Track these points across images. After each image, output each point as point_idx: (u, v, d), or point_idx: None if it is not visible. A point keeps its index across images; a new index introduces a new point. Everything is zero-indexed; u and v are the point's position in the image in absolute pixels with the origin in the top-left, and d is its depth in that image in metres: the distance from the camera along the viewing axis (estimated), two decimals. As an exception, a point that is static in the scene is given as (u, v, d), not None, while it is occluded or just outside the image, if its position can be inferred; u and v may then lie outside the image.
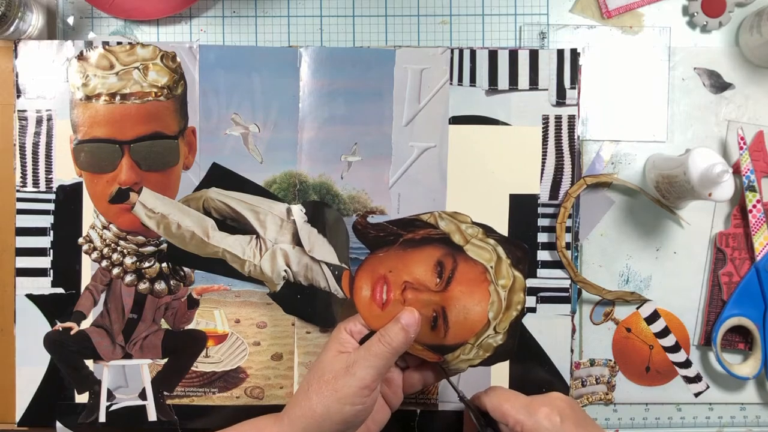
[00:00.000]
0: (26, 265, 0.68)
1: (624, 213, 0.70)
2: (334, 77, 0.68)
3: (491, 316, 0.59)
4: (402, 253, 0.62)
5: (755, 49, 0.67)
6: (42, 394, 0.68)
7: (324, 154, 0.68)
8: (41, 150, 0.68)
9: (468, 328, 0.60)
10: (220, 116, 0.68)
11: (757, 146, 0.69)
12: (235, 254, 0.67)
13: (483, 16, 0.70)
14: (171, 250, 0.67)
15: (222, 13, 0.70)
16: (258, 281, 0.68)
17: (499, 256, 0.61)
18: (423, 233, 0.62)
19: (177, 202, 0.67)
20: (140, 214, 0.67)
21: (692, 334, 0.70)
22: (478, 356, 0.60)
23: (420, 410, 0.68)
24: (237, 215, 0.67)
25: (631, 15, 0.70)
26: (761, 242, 0.68)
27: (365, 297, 0.60)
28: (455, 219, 0.63)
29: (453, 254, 0.61)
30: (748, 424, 0.70)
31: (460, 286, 0.60)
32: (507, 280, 0.60)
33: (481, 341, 0.59)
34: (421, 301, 0.59)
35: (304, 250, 0.67)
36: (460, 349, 0.60)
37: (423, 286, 0.60)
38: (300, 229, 0.67)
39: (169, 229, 0.67)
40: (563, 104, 0.68)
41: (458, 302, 0.59)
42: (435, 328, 0.59)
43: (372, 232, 0.63)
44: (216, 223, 0.67)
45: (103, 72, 0.67)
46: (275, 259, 0.67)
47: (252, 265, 0.67)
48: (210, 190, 0.67)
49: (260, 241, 0.67)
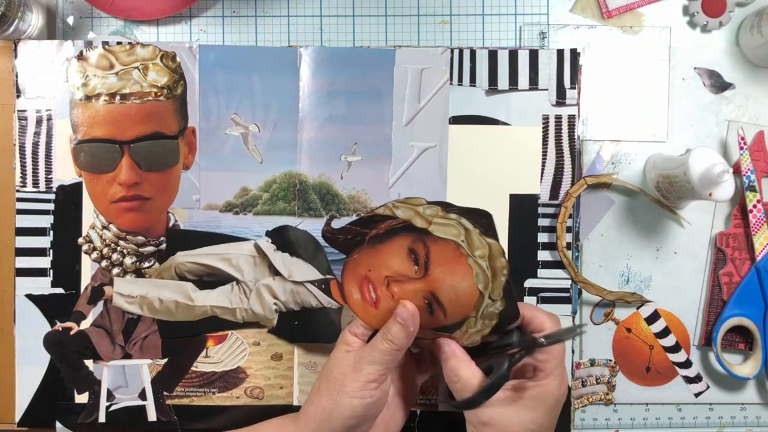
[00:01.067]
0: (26, 265, 0.68)
1: (624, 213, 0.70)
2: (334, 77, 0.68)
3: (481, 287, 0.58)
4: (373, 251, 0.60)
5: (755, 49, 0.67)
6: (42, 394, 0.68)
7: (324, 154, 0.68)
8: (41, 150, 0.68)
9: (463, 304, 0.58)
10: (220, 116, 0.68)
11: (758, 146, 0.69)
12: (223, 307, 0.67)
13: (483, 16, 0.70)
14: (162, 327, 0.68)
15: (222, 13, 0.70)
16: (254, 323, 0.68)
17: (467, 228, 0.59)
18: (385, 226, 0.60)
19: (151, 280, 0.67)
20: (120, 303, 0.67)
21: (692, 334, 0.70)
22: (485, 326, 0.58)
23: (420, 410, 0.68)
24: (210, 269, 0.67)
25: (631, 15, 0.70)
26: (761, 242, 0.68)
27: (357, 300, 0.59)
28: (410, 204, 0.61)
29: (421, 238, 0.59)
30: (748, 424, 0.70)
31: (440, 267, 0.58)
32: (483, 249, 0.58)
33: (482, 312, 0.58)
34: (408, 292, 0.58)
35: (284, 278, 0.67)
36: (465, 324, 0.58)
37: (404, 277, 0.59)
38: (273, 259, 0.67)
39: (153, 306, 0.67)
40: (563, 104, 0.68)
41: (444, 283, 0.58)
42: (433, 313, 0.58)
43: (340, 237, 0.62)
44: (194, 284, 0.68)
45: (103, 72, 0.67)
46: (262, 296, 0.67)
47: (243, 310, 0.67)
48: (176, 255, 0.68)
49: (242, 286, 0.67)
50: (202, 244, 0.68)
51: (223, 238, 0.68)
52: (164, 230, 0.68)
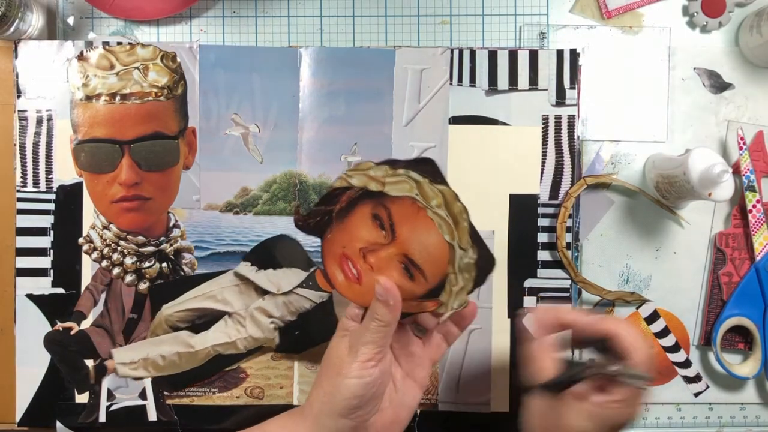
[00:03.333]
0: (26, 265, 0.68)
1: (624, 213, 0.70)
2: (334, 77, 0.68)
3: (447, 238, 0.57)
4: (342, 226, 0.59)
5: (755, 49, 0.67)
6: (42, 394, 0.68)
7: (324, 154, 0.68)
8: (41, 150, 0.68)
9: (437, 259, 0.58)
10: (220, 116, 0.68)
11: (757, 146, 0.69)
12: (223, 343, 0.68)
13: (483, 16, 0.70)
14: (172, 381, 0.68)
15: (222, 13, 0.70)
16: (258, 348, 0.68)
17: (417, 180, 0.58)
18: (345, 198, 0.60)
19: (147, 340, 0.68)
20: (126, 372, 0.68)
21: (692, 334, 0.70)
22: (466, 280, 0.58)
23: (420, 410, 0.68)
24: (200, 311, 0.68)
25: (631, 15, 0.70)
26: (761, 242, 0.68)
27: (342, 282, 0.58)
28: (360, 169, 0.60)
29: (380, 202, 0.59)
30: (748, 424, 0.70)
31: (404, 226, 0.58)
32: (437, 198, 0.58)
33: (459, 265, 0.58)
34: (384, 259, 0.58)
35: (273, 294, 0.67)
36: (447, 284, 0.58)
37: (376, 245, 0.58)
38: (257, 280, 0.68)
39: (157, 364, 0.68)
40: (563, 104, 0.68)
41: (413, 242, 0.58)
42: (412, 277, 0.58)
43: (310, 221, 0.61)
44: (189, 331, 0.68)
45: (104, 72, 0.67)
46: (257, 320, 0.68)
47: (243, 340, 0.68)
48: (162, 310, 0.68)
49: (235, 317, 0.68)
50: (182, 291, 0.68)
51: (200, 279, 0.68)
52: (164, 230, 0.68)
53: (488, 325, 0.68)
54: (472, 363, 0.68)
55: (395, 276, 0.57)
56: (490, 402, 0.68)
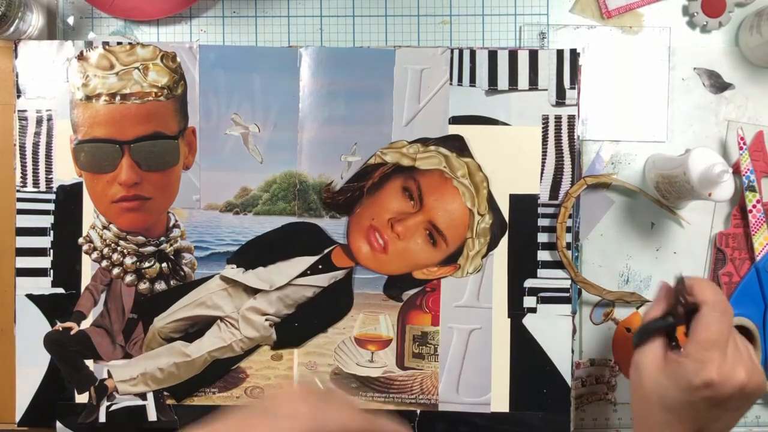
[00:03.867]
0: (26, 265, 0.68)
1: (624, 213, 0.70)
2: (334, 77, 0.68)
3: (469, 204, 0.66)
4: (372, 199, 0.67)
5: (755, 49, 0.67)
6: (42, 394, 0.68)
7: (324, 154, 0.68)
8: (41, 150, 0.68)
9: (459, 225, 0.66)
10: (220, 116, 0.68)
11: (757, 146, 0.69)
12: (219, 348, 0.68)
13: (483, 16, 0.70)
14: (174, 392, 0.68)
15: (222, 13, 0.70)
16: (255, 347, 0.68)
17: (445, 155, 0.66)
18: (378, 174, 0.67)
19: (143, 355, 0.68)
20: (126, 389, 0.68)
21: (692, 334, 0.70)
22: (482, 244, 0.66)
23: (420, 410, 0.68)
24: (191, 320, 0.68)
25: (631, 15, 0.70)
26: (761, 242, 0.68)
27: (367, 253, 0.66)
28: (394, 147, 0.67)
29: (411, 175, 0.67)
30: (748, 424, 0.70)
31: (432, 196, 0.66)
32: (462, 169, 0.66)
33: (476, 230, 0.66)
34: (411, 227, 0.66)
35: (266, 291, 0.67)
36: (465, 248, 0.66)
37: (404, 214, 0.66)
38: (245, 281, 0.68)
39: (156, 377, 0.68)
40: (563, 104, 0.68)
41: (439, 209, 0.66)
42: (435, 243, 0.66)
43: (340, 198, 0.67)
44: (183, 341, 0.68)
45: (103, 72, 0.67)
46: (249, 320, 0.68)
47: (238, 342, 0.68)
48: (154, 323, 0.68)
49: (226, 320, 0.68)
50: (170, 302, 0.68)
51: (187, 287, 0.68)
52: (164, 230, 0.68)
53: (488, 325, 0.68)
54: (472, 363, 0.68)
55: (420, 242, 0.66)
56: (490, 402, 0.68)
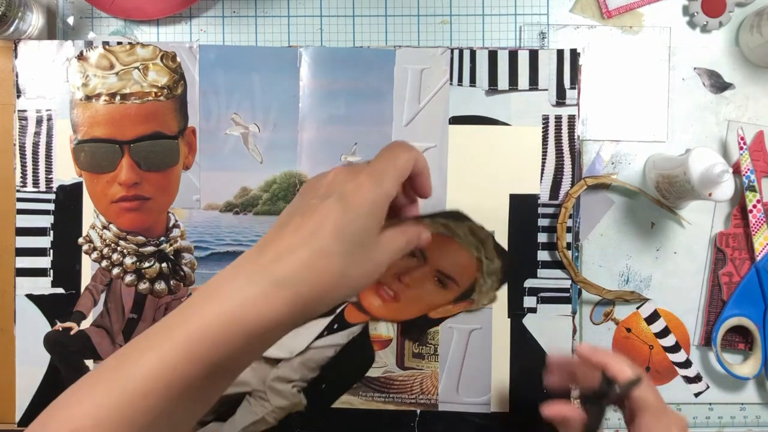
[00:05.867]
0: (26, 265, 0.68)
1: (624, 213, 0.70)
2: (334, 77, 0.68)
3: (475, 253, 0.66)
4: None
5: (755, 49, 0.67)
6: (42, 394, 0.68)
7: (324, 154, 0.68)
8: (41, 150, 0.68)
9: (467, 269, 0.67)
10: (220, 116, 0.68)
11: (757, 146, 0.69)
12: (253, 422, 0.67)
13: (483, 16, 0.70)
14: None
15: (222, 13, 0.70)
16: (287, 415, 0.67)
17: (443, 223, 0.66)
18: None
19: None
20: None
21: (692, 334, 0.70)
22: (494, 281, 0.67)
23: (420, 410, 0.68)
24: (219, 400, 0.66)
25: (631, 15, 0.70)
26: (761, 242, 0.68)
27: (380, 306, 0.66)
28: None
29: None
30: (748, 424, 0.70)
31: (435, 251, 0.66)
32: (463, 229, 0.66)
33: (486, 271, 0.67)
34: (418, 277, 0.66)
35: (287, 359, 0.67)
36: (476, 286, 0.67)
37: (410, 268, 0.66)
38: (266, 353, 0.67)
39: None
40: (563, 104, 0.68)
41: (444, 260, 0.66)
42: (446, 286, 0.66)
43: None
44: (216, 421, 0.67)
45: (103, 72, 0.67)
46: (277, 390, 0.67)
47: (270, 413, 0.67)
48: None
49: (255, 394, 0.67)
50: None
51: None
52: (164, 230, 0.68)
53: (488, 325, 0.68)
54: (472, 363, 0.68)
55: (430, 287, 0.66)
56: (490, 402, 0.68)
